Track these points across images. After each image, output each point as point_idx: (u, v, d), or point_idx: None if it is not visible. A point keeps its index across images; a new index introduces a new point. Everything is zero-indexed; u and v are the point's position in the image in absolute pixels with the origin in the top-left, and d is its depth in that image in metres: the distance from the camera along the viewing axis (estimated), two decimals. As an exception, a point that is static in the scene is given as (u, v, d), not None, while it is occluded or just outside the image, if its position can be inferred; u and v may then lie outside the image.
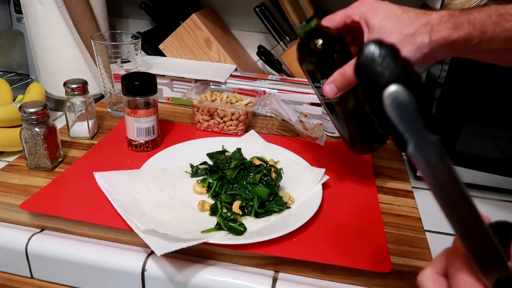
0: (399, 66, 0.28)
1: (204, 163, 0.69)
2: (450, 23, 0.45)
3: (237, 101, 0.81)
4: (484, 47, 0.46)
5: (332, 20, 0.52)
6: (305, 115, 0.83)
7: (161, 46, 0.97)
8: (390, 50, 0.29)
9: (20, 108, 0.62)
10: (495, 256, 0.29)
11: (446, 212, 0.29)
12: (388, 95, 0.28)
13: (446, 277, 0.31)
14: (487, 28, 0.45)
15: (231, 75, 0.90)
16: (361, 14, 0.49)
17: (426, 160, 0.28)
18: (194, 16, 0.92)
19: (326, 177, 0.64)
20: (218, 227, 0.55)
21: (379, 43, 0.29)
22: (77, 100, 0.73)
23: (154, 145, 0.73)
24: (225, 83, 0.88)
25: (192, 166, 0.68)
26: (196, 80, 0.88)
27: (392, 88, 0.28)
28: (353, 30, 0.53)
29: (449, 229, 0.63)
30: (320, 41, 0.52)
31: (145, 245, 0.51)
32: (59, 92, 0.89)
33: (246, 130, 0.80)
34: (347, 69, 0.47)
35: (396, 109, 0.28)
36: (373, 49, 0.28)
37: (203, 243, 0.51)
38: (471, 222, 0.29)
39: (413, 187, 0.69)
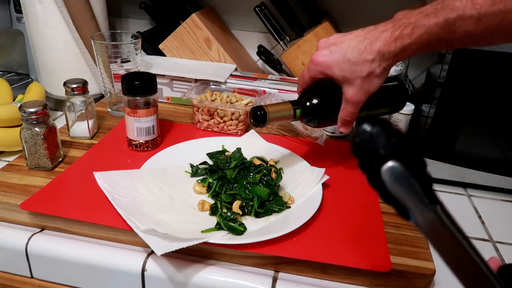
0: (392, 143, 0.30)
1: (204, 163, 0.69)
2: (394, 42, 0.50)
3: (237, 101, 0.81)
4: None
5: (302, 85, 0.60)
6: (305, 115, 0.83)
7: (161, 46, 0.97)
8: (383, 127, 0.30)
9: (20, 107, 0.62)
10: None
11: (454, 272, 0.30)
12: (385, 171, 0.29)
13: None
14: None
15: (231, 74, 0.90)
16: (322, 73, 0.56)
17: (427, 228, 0.30)
18: (194, 15, 0.92)
19: (326, 177, 0.64)
20: (218, 227, 0.55)
21: (372, 121, 0.30)
22: (77, 100, 0.73)
23: (154, 145, 0.73)
24: (225, 82, 0.88)
25: (192, 166, 0.68)
26: (196, 80, 0.88)
27: (389, 164, 0.29)
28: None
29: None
30: (313, 119, 0.61)
31: (145, 245, 0.51)
32: (59, 92, 0.89)
33: (246, 130, 0.80)
34: (342, 115, 0.58)
35: (394, 184, 0.29)
36: (366, 129, 0.30)
37: (203, 243, 0.51)
38: (481, 282, 0.30)
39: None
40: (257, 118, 0.58)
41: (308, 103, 0.60)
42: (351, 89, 0.54)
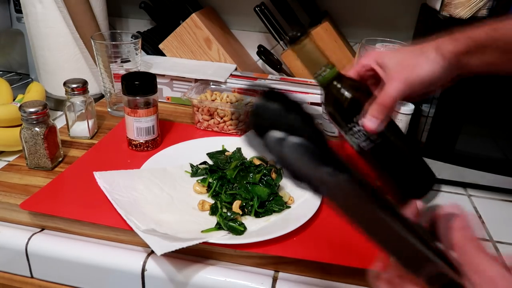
0: (290, 119, 0.30)
1: (204, 162, 0.69)
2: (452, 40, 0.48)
3: (237, 101, 0.81)
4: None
5: (352, 72, 0.52)
6: (305, 115, 0.83)
7: (161, 46, 0.97)
8: (271, 97, 0.31)
9: (20, 107, 0.62)
10: (420, 256, 0.30)
11: (364, 233, 0.31)
12: (271, 140, 0.30)
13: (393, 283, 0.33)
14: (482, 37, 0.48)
15: (231, 74, 0.90)
16: (373, 60, 0.50)
17: (337, 199, 0.31)
18: (194, 15, 0.92)
19: (326, 177, 0.64)
20: (218, 227, 0.55)
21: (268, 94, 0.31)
22: (77, 100, 0.73)
23: (154, 145, 0.73)
24: (225, 82, 0.88)
25: (192, 165, 0.68)
26: (196, 80, 0.88)
27: (292, 139, 0.29)
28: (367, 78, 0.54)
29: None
30: (349, 84, 0.50)
31: (145, 245, 0.51)
32: (59, 91, 0.89)
33: (246, 130, 0.80)
34: (380, 98, 0.48)
35: (298, 160, 0.29)
36: (261, 103, 0.32)
37: (203, 242, 0.51)
38: (391, 236, 0.31)
39: (413, 186, 0.69)
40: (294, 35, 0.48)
41: (346, 74, 0.50)
42: (395, 68, 0.48)
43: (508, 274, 0.28)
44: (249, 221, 0.57)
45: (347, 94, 0.49)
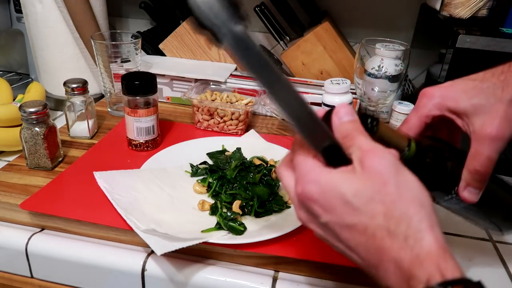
0: None
1: (204, 162, 0.69)
2: None
3: (237, 101, 0.81)
4: None
5: (410, 129, 0.45)
6: (305, 115, 0.83)
7: (161, 46, 0.97)
8: None
9: (20, 107, 0.62)
10: (320, 130, 0.34)
11: (272, 96, 0.33)
12: None
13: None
14: None
15: (231, 74, 0.90)
16: (439, 107, 0.42)
17: (239, 48, 0.31)
18: (194, 15, 0.92)
19: (326, 177, 0.64)
20: (218, 227, 0.55)
21: None
22: (77, 100, 0.73)
23: (154, 145, 0.73)
24: (225, 82, 0.88)
25: (192, 165, 0.68)
26: (196, 80, 0.88)
27: None
28: (433, 124, 0.46)
29: (449, 229, 0.63)
30: (431, 153, 0.43)
31: (145, 245, 0.51)
32: (59, 91, 0.89)
33: (246, 130, 0.80)
34: (475, 165, 0.41)
35: (201, 8, 0.30)
36: None
37: (203, 242, 0.51)
38: (295, 102, 0.33)
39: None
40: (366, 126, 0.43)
41: (425, 140, 0.43)
42: (488, 120, 0.39)
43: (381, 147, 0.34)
44: (249, 221, 0.57)
45: (433, 166, 0.43)
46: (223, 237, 0.53)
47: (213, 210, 0.58)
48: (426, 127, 0.44)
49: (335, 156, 0.35)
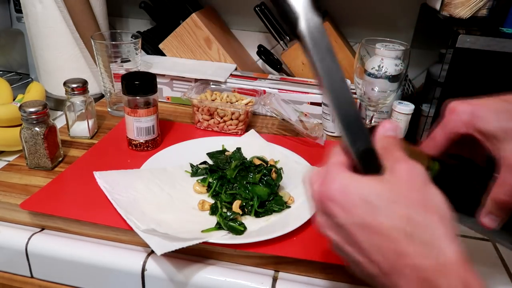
0: None
1: (204, 162, 0.69)
2: None
3: (237, 101, 0.81)
4: None
5: (436, 145, 0.43)
6: (305, 115, 0.83)
7: (161, 46, 0.97)
8: None
9: (20, 107, 0.62)
10: (363, 133, 0.34)
11: (327, 90, 0.33)
12: None
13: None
14: None
15: (231, 74, 0.90)
16: (467, 126, 0.40)
17: (314, 37, 0.32)
18: (194, 15, 0.92)
19: (326, 177, 0.64)
20: (218, 227, 0.55)
21: None
22: (77, 100, 0.73)
23: (154, 145, 0.73)
24: (225, 82, 0.88)
25: (192, 165, 0.68)
26: (196, 80, 0.88)
27: None
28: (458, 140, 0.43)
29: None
30: (454, 180, 0.43)
31: (145, 245, 0.51)
32: (59, 91, 0.89)
33: (246, 130, 0.80)
34: (500, 193, 0.39)
35: None
36: None
37: (203, 242, 0.51)
38: (348, 102, 0.33)
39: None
40: None
41: (449, 160, 0.43)
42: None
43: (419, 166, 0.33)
44: (249, 221, 0.57)
45: (456, 187, 0.42)
46: (223, 237, 0.53)
47: (213, 210, 0.58)
48: (451, 144, 0.42)
49: (369, 161, 0.34)
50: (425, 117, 0.71)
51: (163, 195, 0.61)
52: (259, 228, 0.56)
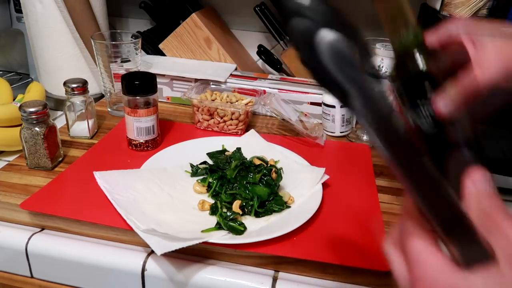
0: (330, 9, 0.25)
1: (204, 162, 0.69)
2: None
3: (237, 101, 0.81)
4: None
5: (434, 35, 0.42)
6: (305, 115, 0.83)
7: (161, 46, 0.97)
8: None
9: (20, 107, 0.62)
10: (447, 200, 0.25)
11: (400, 169, 0.26)
12: (321, 40, 0.24)
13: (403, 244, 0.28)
14: None
15: (231, 74, 0.90)
16: (467, 31, 0.40)
17: (373, 112, 0.25)
18: (194, 15, 0.92)
19: (326, 177, 0.64)
20: (218, 227, 0.55)
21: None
22: (77, 100, 0.73)
23: (154, 145, 0.73)
24: (225, 82, 0.88)
25: (192, 165, 0.68)
26: (196, 80, 0.88)
27: (325, 33, 0.24)
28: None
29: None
30: (432, 56, 0.41)
31: (145, 245, 0.51)
32: (59, 91, 0.89)
33: (246, 130, 0.80)
34: (466, 82, 0.39)
35: (332, 58, 0.24)
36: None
37: (203, 242, 0.51)
38: (429, 178, 0.25)
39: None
40: None
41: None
42: (495, 55, 0.38)
43: None
44: (249, 221, 0.57)
45: (426, 67, 0.40)
46: (223, 237, 0.53)
47: (213, 210, 0.58)
48: (442, 44, 0.41)
49: (466, 242, 0.25)
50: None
51: (163, 195, 0.61)
52: (259, 228, 0.56)
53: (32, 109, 0.62)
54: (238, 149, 0.71)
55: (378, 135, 0.25)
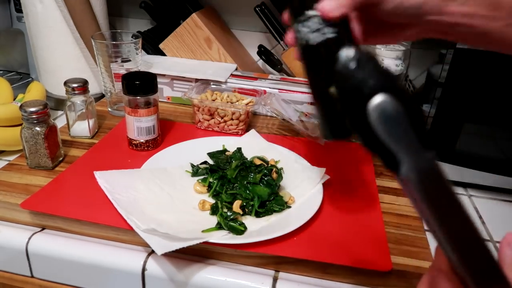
0: (384, 72, 0.24)
1: (205, 162, 0.69)
2: None
3: (237, 101, 0.81)
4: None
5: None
6: (306, 115, 0.83)
7: (161, 46, 0.97)
8: (371, 55, 0.24)
9: (21, 107, 0.62)
10: (493, 270, 0.25)
11: (443, 231, 0.25)
12: (374, 107, 0.23)
13: None
14: None
15: (231, 74, 0.90)
16: None
17: (423, 181, 0.24)
18: (194, 15, 0.92)
19: (327, 177, 0.64)
20: (219, 227, 0.55)
21: (357, 47, 0.25)
22: (78, 99, 0.73)
23: (154, 145, 0.73)
24: (226, 82, 0.88)
25: (192, 165, 0.68)
26: (197, 80, 0.88)
27: (379, 98, 0.23)
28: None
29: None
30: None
31: (145, 245, 0.51)
32: (60, 91, 0.89)
33: (246, 130, 0.80)
34: None
35: (384, 124, 0.23)
36: (352, 54, 0.24)
37: (204, 242, 0.51)
38: (470, 237, 0.25)
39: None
40: None
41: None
42: None
43: None
44: (250, 221, 0.57)
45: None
46: (223, 237, 0.53)
47: (214, 210, 0.58)
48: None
49: None
50: (426, 117, 0.71)
51: (164, 195, 0.61)
52: (259, 228, 0.56)
53: (32, 109, 0.62)
54: (239, 149, 0.71)
55: (424, 198, 0.24)
